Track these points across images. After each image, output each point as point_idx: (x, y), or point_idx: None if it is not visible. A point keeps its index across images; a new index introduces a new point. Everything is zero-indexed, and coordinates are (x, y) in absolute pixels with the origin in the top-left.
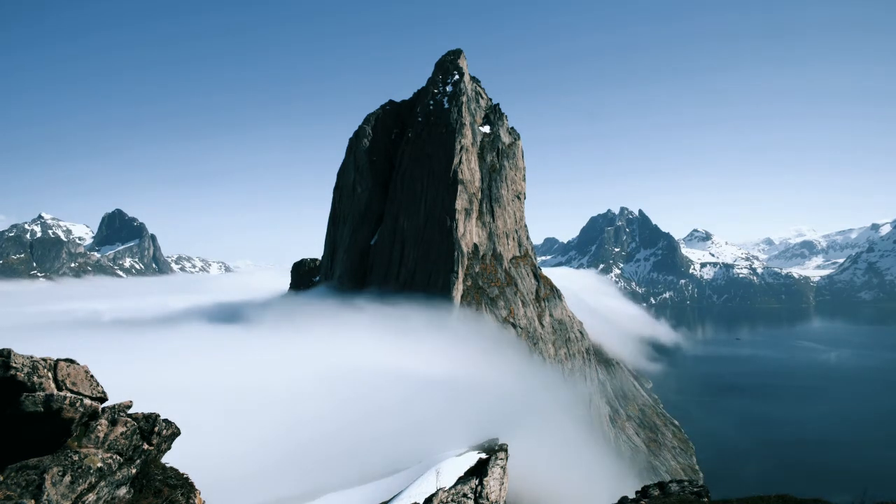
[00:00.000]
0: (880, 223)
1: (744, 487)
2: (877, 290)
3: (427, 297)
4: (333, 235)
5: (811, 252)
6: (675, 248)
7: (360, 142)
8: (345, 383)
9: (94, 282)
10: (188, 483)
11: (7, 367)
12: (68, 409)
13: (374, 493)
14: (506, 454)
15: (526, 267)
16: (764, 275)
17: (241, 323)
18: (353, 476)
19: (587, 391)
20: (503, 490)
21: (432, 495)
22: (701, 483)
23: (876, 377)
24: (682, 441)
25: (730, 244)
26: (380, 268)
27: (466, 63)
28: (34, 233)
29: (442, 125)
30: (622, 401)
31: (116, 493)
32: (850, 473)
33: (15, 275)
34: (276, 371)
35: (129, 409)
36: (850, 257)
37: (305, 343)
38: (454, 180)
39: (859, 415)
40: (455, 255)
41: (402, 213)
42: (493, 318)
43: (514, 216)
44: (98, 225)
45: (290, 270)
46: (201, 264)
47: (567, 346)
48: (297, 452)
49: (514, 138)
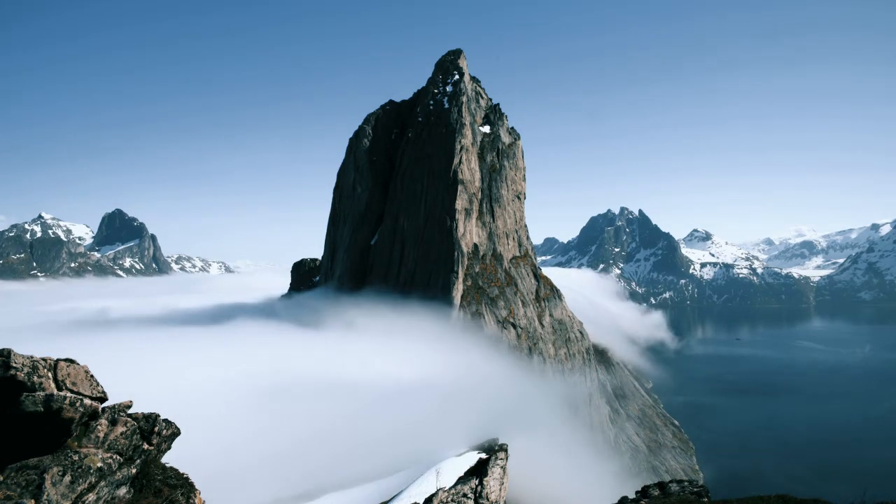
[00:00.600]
0: (880, 223)
1: (744, 487)
2: (877, 290)
3: (427, 299)
4: (333, 235)
5: (811, 252)
6: (675, 248)
7: (361, 142)
8: (344, 383)
9: (94, 282)
10: (188, 483)
11: (7, 366)
12: (68, 409)
13: (374, 493)
14: (506, 454)
15: (526, 267)
16: (764, 275)
17: (240, 323)
18: (353, 476)
19: (587, 391)
20: (503, 490)
21: (432, 495)
22: (701, 483)
23: (876, 377)
24: (682, 441)
25: (730, 244)
26: (380, 268)
27: (466, 63)
28: (34, 233)
29: (442, 125)
30: (622, 401)
31: (116, 493)
32: (850, 473)
33: (15, 275)
34: (276, 371)
35: (129, 409)
36: (850, 257)
37: (305, 343)
38: (454, 180)
39: (859, 415)
40: (455, 255)
41: (402, 213)
42: (492, 318)
43: (514, 216)
44: (98, 225)
45: (290, 270)
46: (201, 264)
47: (567, 346)
48: (297, 452)
49: (514, 138)
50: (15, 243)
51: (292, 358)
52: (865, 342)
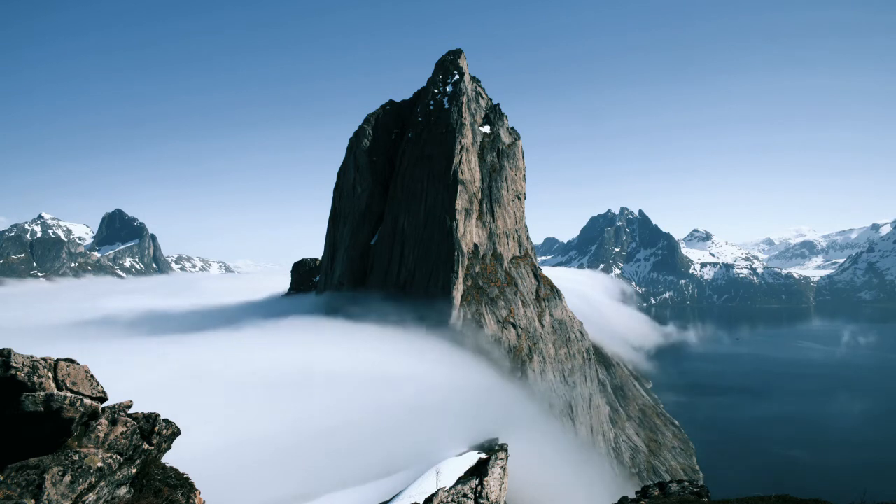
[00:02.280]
0: (880, 223)
1: (744, 487)
2: (877, 290)
3: (426, 300)
4: (333, 235)
5: (811, 252)
6: (675, 248)
7: (361, 142)
8: (344, 384)
9: (95, 281)
10: (188, 483)
11: (7, 366)
12: (68, 409)
13: (374, 493)
14: (506, 454)
15: (526, 267)
16: (764, 275)
17: (240, 323)
18: (353, 476)
19: (587, 391)
20: (503, 490)
21: (432, 495)
22: (701, 483)
23: (876, 377)
24: (682, 441)
25: (730, 244)
26: (380, 268)
27: (467, 63)
28: (34, 233)
29: (442, 125)
30: (622, 401)
31: (116, 493)
32: (850, 473)
33: (15, 275)
34: (276, 371)
35: (129, 408)
36: (850, 257)
37: (304, 344)
38: (454, 180)
39: (859, 415)
40: (455, 255)
41: (403, 213)
42: (493, 318)
43: (514, 216)
44: (98, 225)
45: (291, 270)
46: (201, 264)
47: (567, 346)
48: (297, 452)
49: (515, 138)
50: (15, 243)
51: (292, 358)
52: (865, 342)
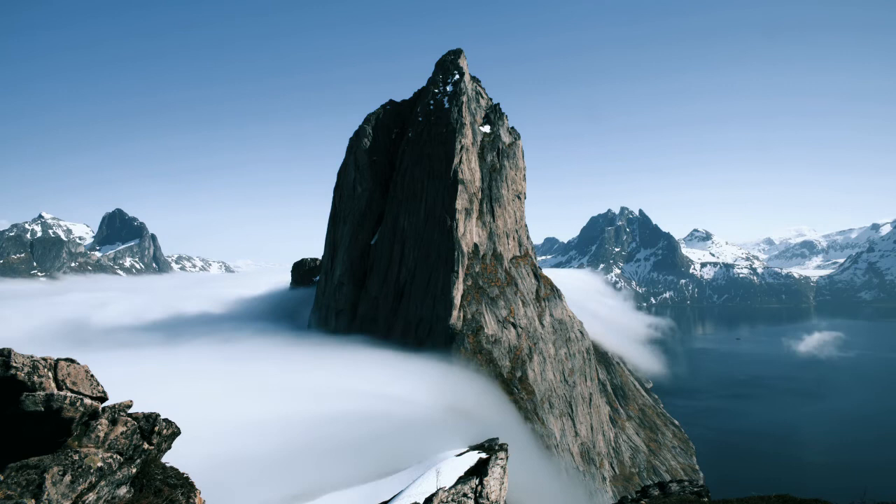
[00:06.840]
0: (880, 223)
1: (744, 487)
2: (877, 290)
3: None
4: (333, 235)
5: (811, 252)
6: (675, 247)
7: (361, 141)
8: (344, 385)
9: (95, 281)
10: (188, 483)
11: (7, 366)
12: (68, 409)
13: (374, 493)
14: (506, 454)
15: (526, 267)
16: (764, 275)
17: (240, 323)
18: (353, 476)
19: (587, 391)
20: (503, 490)
21: (432, 495)
22: (701, 483)
23: (876, 377)
24: (682, 441)
25: (730, 244)
26: (380, 267)
27: (467, 63)
28: (34, 232)
29: (442, 125)
30: (622, 400)
31: (116, 493)
32: (850, 473)
33: (15, 274)
34: (276, 371)
35: (130, 408)
36: (850, 257)
37: (305, 344)
38: (454, 180)
39: (859, 415)
40: (455, 255)
41: (403, 213)
42: (493, 317)
43: (514, 216)
44: (98, 224)
45: (291, 270)
46: (201, 264)
47: (567, 346)
48: (297, 452)
49: (515, 138)
50: (15, 243)
51: (292, 358)
52: (866, 342)
